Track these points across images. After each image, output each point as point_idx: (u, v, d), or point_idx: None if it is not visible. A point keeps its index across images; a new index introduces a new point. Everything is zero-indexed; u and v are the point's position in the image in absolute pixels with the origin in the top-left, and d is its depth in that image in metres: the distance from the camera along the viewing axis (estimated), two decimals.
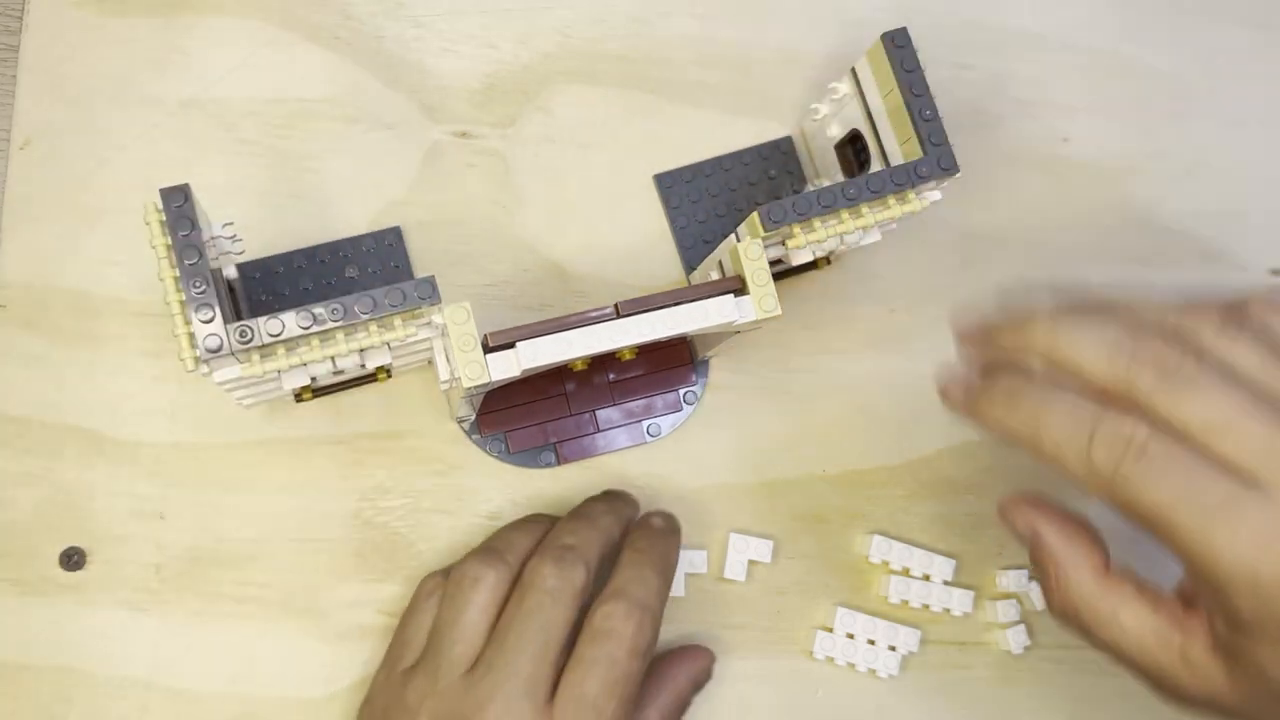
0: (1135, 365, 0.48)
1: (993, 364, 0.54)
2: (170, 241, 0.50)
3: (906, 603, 0.66)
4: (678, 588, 0.65)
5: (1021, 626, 0.67)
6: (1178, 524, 0.46)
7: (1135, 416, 0.47)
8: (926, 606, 0.66)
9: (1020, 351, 0.52)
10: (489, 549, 0.59)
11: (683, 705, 0.62)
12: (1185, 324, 0.49)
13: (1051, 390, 0.50)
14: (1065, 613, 0.52)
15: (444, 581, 0.59)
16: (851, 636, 0.66)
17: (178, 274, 0.50)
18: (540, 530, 0.60)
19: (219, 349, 0.49)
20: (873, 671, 0.66)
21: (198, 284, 0.49)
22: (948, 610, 0.67)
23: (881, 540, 0.66)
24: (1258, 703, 0.48)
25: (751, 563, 0.66)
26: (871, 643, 0.66)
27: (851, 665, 0.66)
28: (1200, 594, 0.48)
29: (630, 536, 0.61)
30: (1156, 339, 0.48)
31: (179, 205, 0.50)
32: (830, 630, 0.66)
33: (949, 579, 0.67)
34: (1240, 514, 0.45)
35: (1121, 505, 0.47)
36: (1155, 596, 0.50)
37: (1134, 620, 0.50)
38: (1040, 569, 0.53)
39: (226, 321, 0.50)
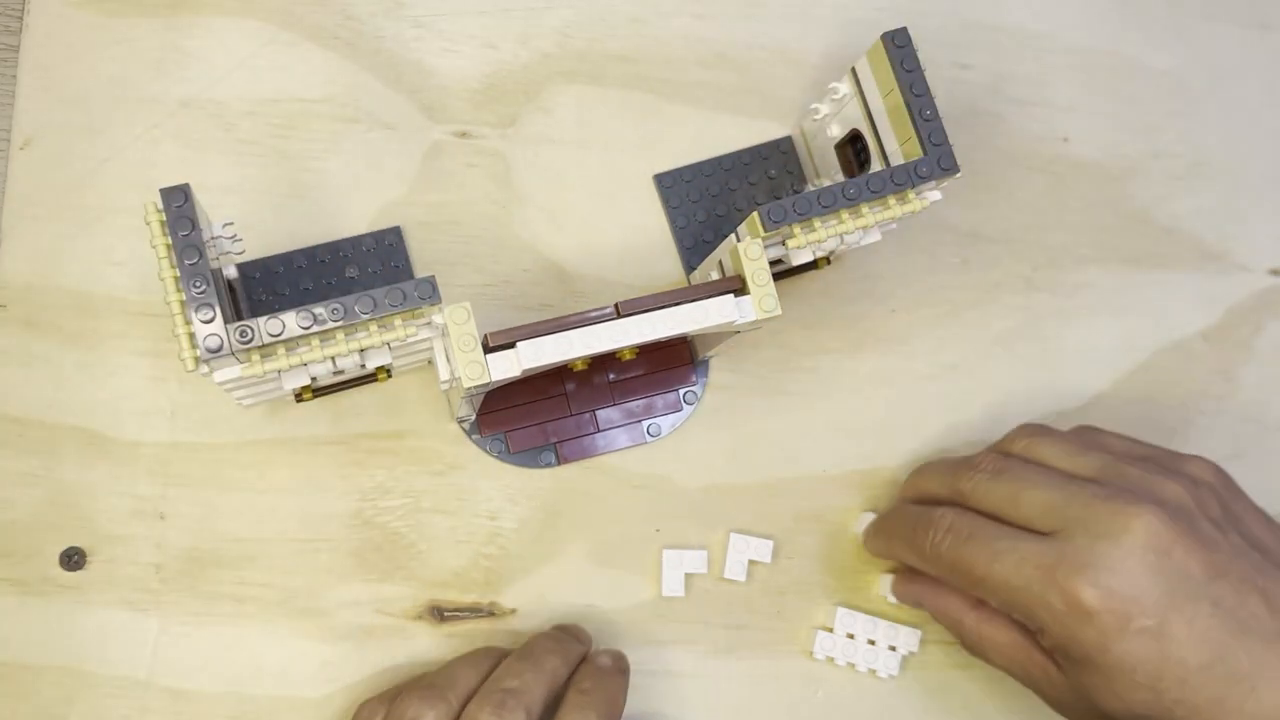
0: (959, 478, 0.62)
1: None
2: (170, 241, 0.50)
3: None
4: (678, 588, 0.65)
5: None
6: (980, 571, 0.58)
7: (948, 509, 0.61)
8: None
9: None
10: (431, 685, 0.57)
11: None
12: (998, 449, 0.64)
13: (898, 511, 0.65)
14: (969, 647, 0.63)
15: (384, 712, 0.58)
16: (851, 636, 0.66)
17: (178, 274, 0.50)
18: (487, 666, 0.59)
19: (219, 349, 0.49)
20: (873, 671, 0.66)
21: (198, 284, 0.49)
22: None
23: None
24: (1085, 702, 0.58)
25: (751, 563, 0.66)
26: (871, 643, 0.66)
27: (851, 665, 0.66)
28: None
29: (577, 675, 0.60)
30: (976, 463, 0.62)
31: (179, 205, 0.50)
32: (830, 630, 0.66)
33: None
34: (1019, 551, 0.57)
35: (949, 573, 0.60)
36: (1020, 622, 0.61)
37: (1006, 639, 0.60)
38: (940, 621, 0.64)
39: (227, 321, 0.50)
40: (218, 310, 0.49)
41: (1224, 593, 0.54)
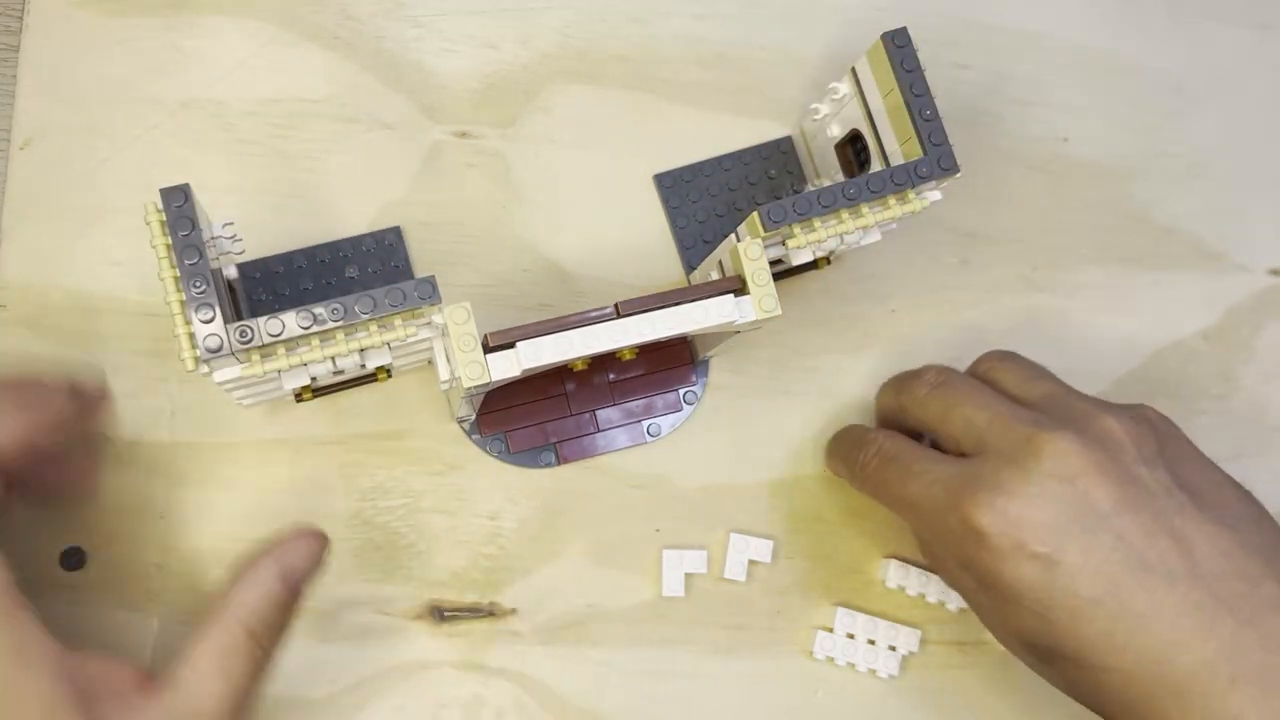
0: (903, 390, 0.63)
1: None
2: (170, 241, 0.50)
3: (904, 588, 0.67)
4: (678, 588, 0.65)
5: None
6: (895, 492, 0.59)
7: (882, 431, 0.62)
8: (923, 596, 0.67)
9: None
10: None
11: (270, 604, 0.53)
12: (954, 369, 0.63)
13: (845, 429, 0.66)
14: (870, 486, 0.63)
15: None
16: (852, 636, 0.66)
17: (178, 274, 0.50)
18: None
19: (219, 349, 0.49)
20: (873, 671, 0.66)
21: (198, 284, 0.49)
22: (943, 603, 0.67)
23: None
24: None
25: (751, 563, 0.66)
26: (871, 643, 0.66)
27: (851, 665, 0.66)
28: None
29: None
30: (921, 374, 0.62)
31: (179, 205, 0.50)
32: (830, 630, 0.66)
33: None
34: (932, 474, 0.57)
35: (873, 494, 0.62)
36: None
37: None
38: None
39: (227, 321, 0.50)
40: (218, 310, 0.49)
41: (1130, 528, 0.53)
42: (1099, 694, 0.55)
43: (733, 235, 0.58)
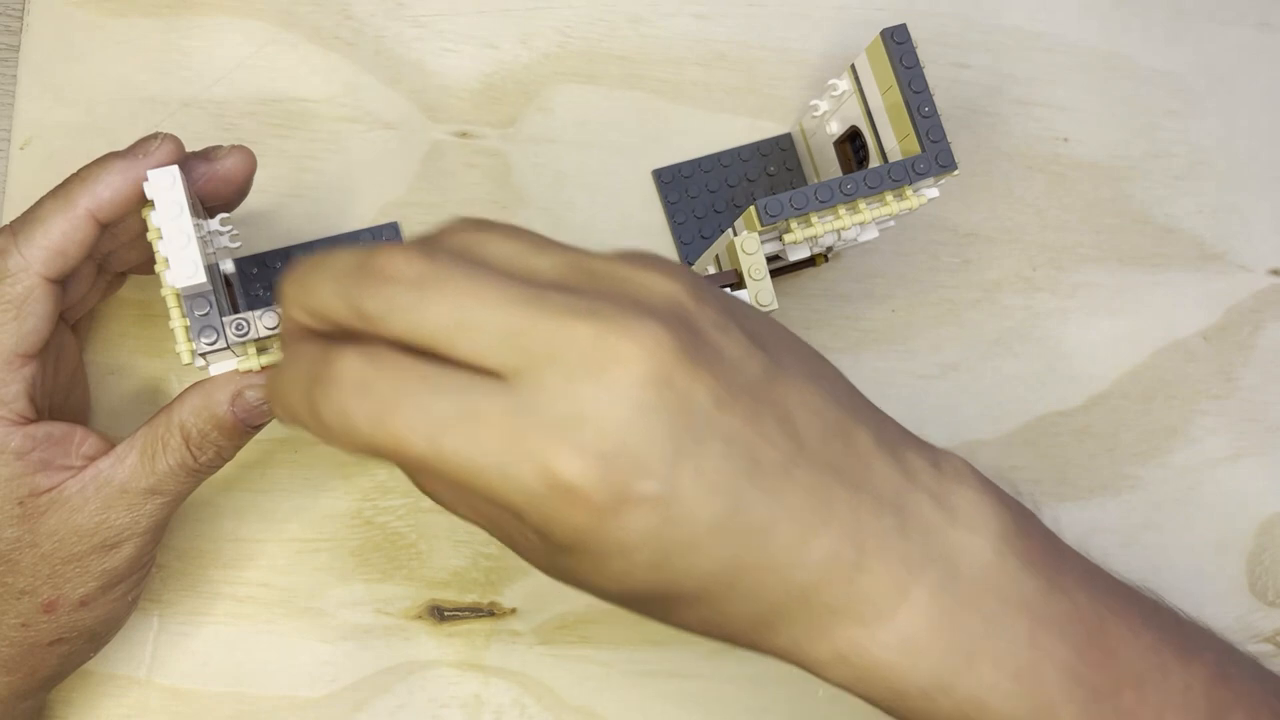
0: (363, 292, 0.40)
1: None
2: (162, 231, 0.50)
3: None
4: None
5: None
6: (418, 451, 0.39)
7: (352, 352, 0.40)
8: None
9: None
10: None
11: (215, 423, 0.53)
12: (430, 245, 0.42)
13: (287, 356, 0.43)
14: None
15: None
16: None
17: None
18: None
19: (215, 341, 0.49)
20: None
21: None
22: None
23: None
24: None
25: None
26: None
27: None
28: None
29: None
30: (387, 269, 0.40)
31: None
32: None
33: None
34: (472, 414, 0.39)
35: (374, 455, 0.41)
36: None
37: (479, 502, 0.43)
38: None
39: (223, 315, 0.50)
40: (213, 303, 0.49)
41: (737, 421, 0.41)
42: (727, 625, 0.44)
43: (730, 230, 0.58)
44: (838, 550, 0.42)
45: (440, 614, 0.64)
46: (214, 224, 0.55)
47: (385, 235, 0.65)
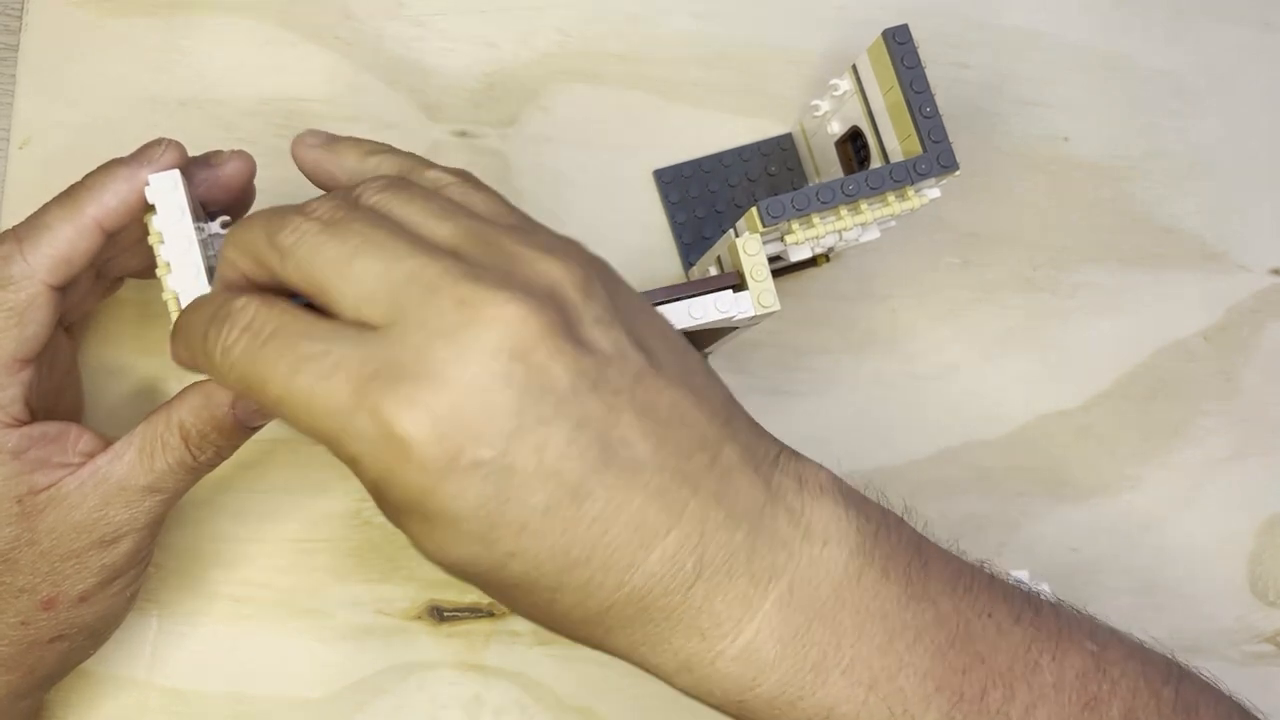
0: (282, 226, 0.43)
1: None
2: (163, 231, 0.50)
3: None
4: None
5: None
6: (276, 387, 0.41)
7: (254, 298, 0.43)
8: None
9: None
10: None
11: (214, 423, 0.52)
12: (348, 196, 0.45)
13: (202, 298, 0.47)
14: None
15: None
16: None
17: (170, 264, 0.50)
18: None
19: None
20: None
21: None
22: None
23: None
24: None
25: None
26: None
27: None
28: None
29: None
30: (309, 209, 0.44)
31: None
32: None
33: None
34: (330, 357, 0.41)
35: (242, 390, 0.43)
36: None
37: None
38: None
39: None
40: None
41: (594, 410, 0.41)
42: (559, 619, 0.44)
43: (731, 231, 0.58)
44: (678, 559, 0.42)
45: (440, 614, 0.64)
46: (215, 227, 0.55)
47: None
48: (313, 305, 0.43)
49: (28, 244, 0.51)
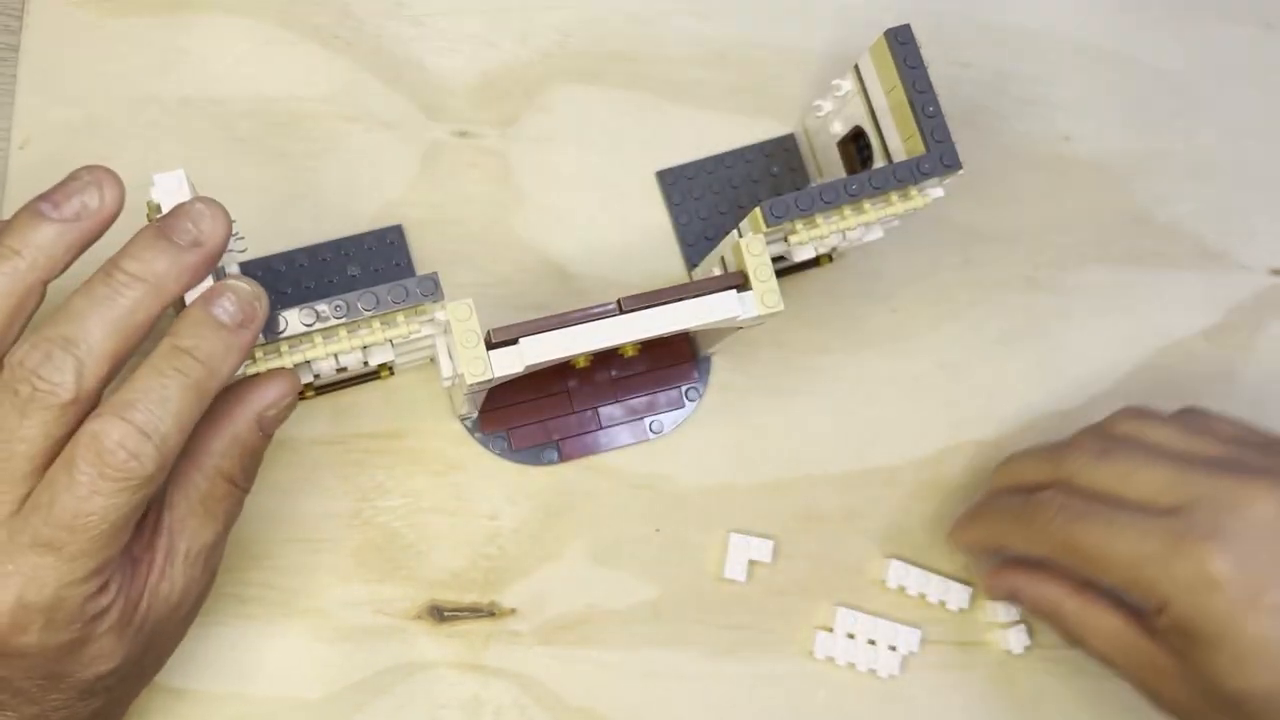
0: (1061, 461, 0.61)
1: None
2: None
3: (904, 588, 0.67)
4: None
5: (1022, 626, 0.67)
6: (1096, 547, 0.57)
7: (1054, 490, 0.60)
8: (924, 596, 0.67)
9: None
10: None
11: (247, 451, 0.53)
12: (1097, 433, 0.63)
13: (995, 499, 0.65)
14: (1070, 634, 0.62)
15: None
16: (852, 636, 0.66)
17: None
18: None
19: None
20: (873, 671, 0.66)
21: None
22: (944, 603, 0.67)
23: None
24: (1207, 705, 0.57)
25: (751, 563, 0.66)
26: (871, 643, 0.66)
27: (852, 665, 0.66)
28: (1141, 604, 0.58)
29: (176, 322, 0.49)
30: (1079, 444, 0.62)
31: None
32: (830, 630, 0.66)
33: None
34: (1140, 525, 0.56)
35: (1061, 553, 0.59)
36: (1127, 607, 0.60)
37: (1111, 625, 0.59)
38: (1042, 615, 0.64)
39: None
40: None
41: None
42: None
43: (735, 231, 0.58)
44: None
45: (440, 614, 0.64)
46: None
47: (390, 238, 0.65)
48: None
49: (158, 438, 0.46)
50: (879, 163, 0.61)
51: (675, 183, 0.68)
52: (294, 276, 0.64)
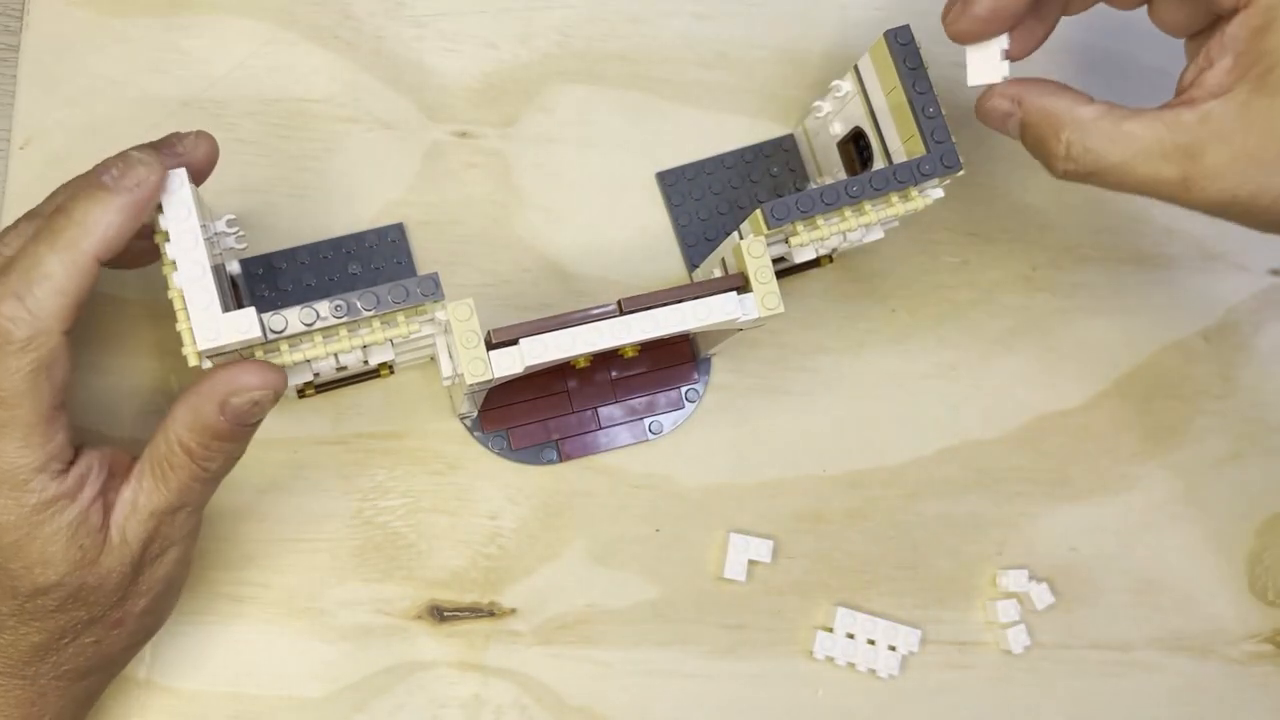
0: None
1: None
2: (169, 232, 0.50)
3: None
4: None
5: (1021, 626, 0.67)
6: None
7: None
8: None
9: None
10: None
11: (207, 429, 0.52)
12: None
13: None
14: (1076, 157, 0.57)
15: None
16: (851, 636, 0.66)
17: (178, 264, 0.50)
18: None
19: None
20: (873, 671, 0.66)
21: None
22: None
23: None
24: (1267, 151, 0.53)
25: (751, 563, 0.66)
26: (871, 643, 0.66)
27: (851, 665, 0.66)
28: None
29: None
30: None
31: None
32: (830, 630, 0.66)
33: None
34: None
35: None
36: (1149, 110, 0.55)
37: (1141, 129, 0.55)
38: (1037, 133, 0.58)
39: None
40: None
41: None
42: None
43: (736, 233, 0.58)
44: None
45: (440, 614, 0.64)
46: (220, 225, 0.55)
47: (391, 236, 0.65)
48: None
49: (31, 300, 0.49)
50: (879, 163, 0.61)
51: (675, 183, 0.68)
52: (295, 273, 0.64)
